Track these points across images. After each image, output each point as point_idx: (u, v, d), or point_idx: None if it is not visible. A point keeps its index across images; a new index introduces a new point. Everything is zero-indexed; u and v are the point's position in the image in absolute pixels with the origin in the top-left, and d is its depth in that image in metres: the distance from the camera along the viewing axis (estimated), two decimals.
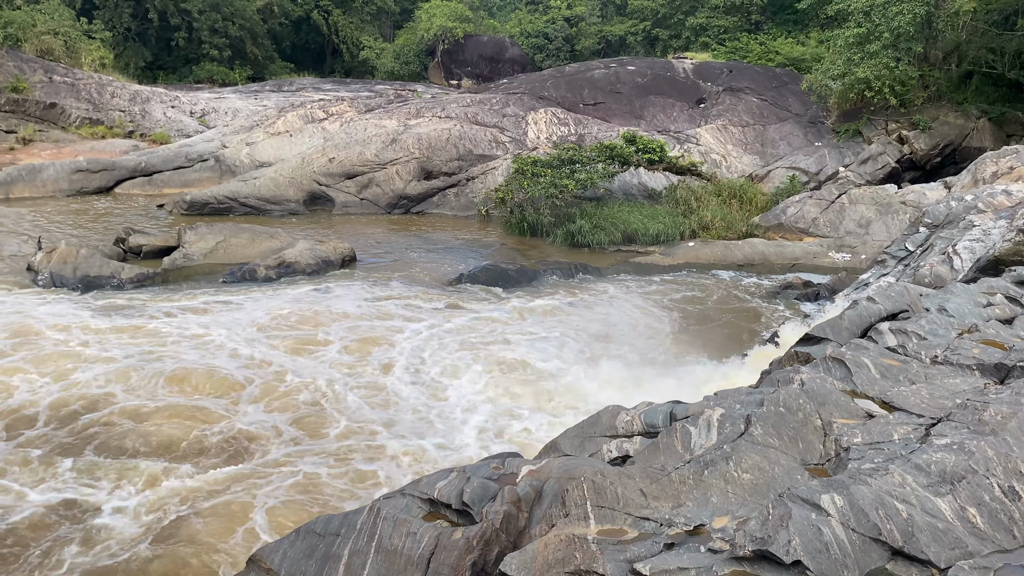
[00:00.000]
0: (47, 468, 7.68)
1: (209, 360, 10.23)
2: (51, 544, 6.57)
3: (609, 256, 16.92)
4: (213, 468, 7.82)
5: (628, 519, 3.89)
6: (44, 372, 9.63)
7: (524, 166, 18.81)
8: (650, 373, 10.32)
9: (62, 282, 13.67)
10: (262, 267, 14.84)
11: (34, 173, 21.34)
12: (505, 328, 11.96)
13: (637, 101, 24.97)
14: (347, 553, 4.78)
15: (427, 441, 8.50)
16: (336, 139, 22.92)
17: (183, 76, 44.53)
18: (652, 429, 6.38)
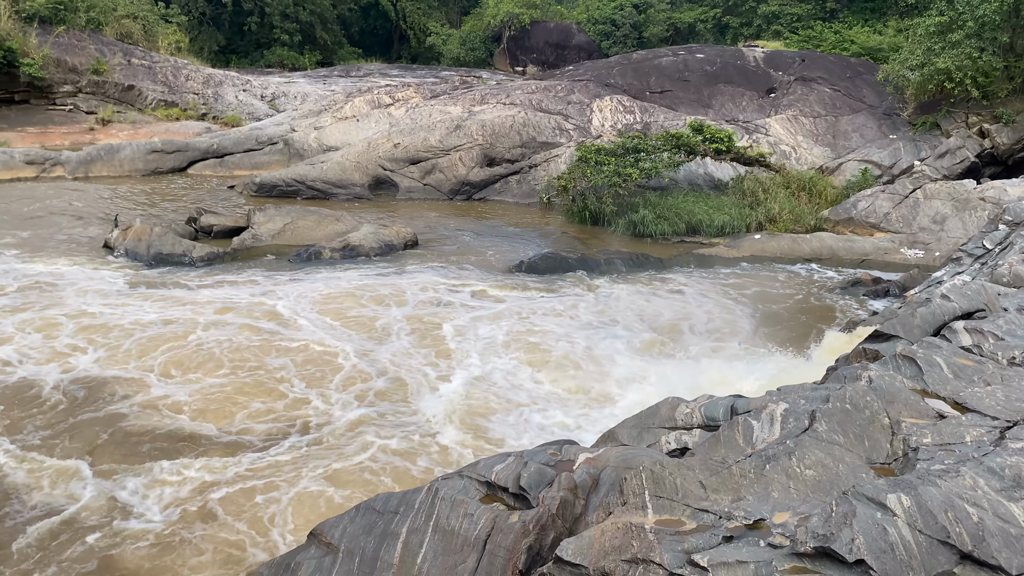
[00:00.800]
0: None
1: (273, 340, 10.48)
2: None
3: (672, 247, 16.72)
4: (285, 438, 8.03)
5: (687, 510, 3.86)
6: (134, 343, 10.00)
7: (588, 154, 18.69)
8: (709, 365, 10.20)
9: (136, 258, 14.15)
10: (327, 249, 15.10)
11: (112, 153, 22.09)
12: (565, 317, 11.94)
13: (705, 89, 24.56)
14: (405, 531, 4.87)
15: (491, 432, 8.54)
16: (401, 125, 23.14)
17: (254, 60, 45.49)
18: (712, 422, 6.31)
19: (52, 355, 9.77)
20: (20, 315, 10.96)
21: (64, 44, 30.61)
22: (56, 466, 7.45)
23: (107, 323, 10.76)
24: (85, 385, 9.03)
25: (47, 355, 9.76)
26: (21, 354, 9.75)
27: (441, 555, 4.61)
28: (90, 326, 10.67)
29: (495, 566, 4.39)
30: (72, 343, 10.14)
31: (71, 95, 30.42)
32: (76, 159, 21.42)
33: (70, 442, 7.87)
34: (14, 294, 11.85)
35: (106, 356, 9.79)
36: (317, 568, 4.85)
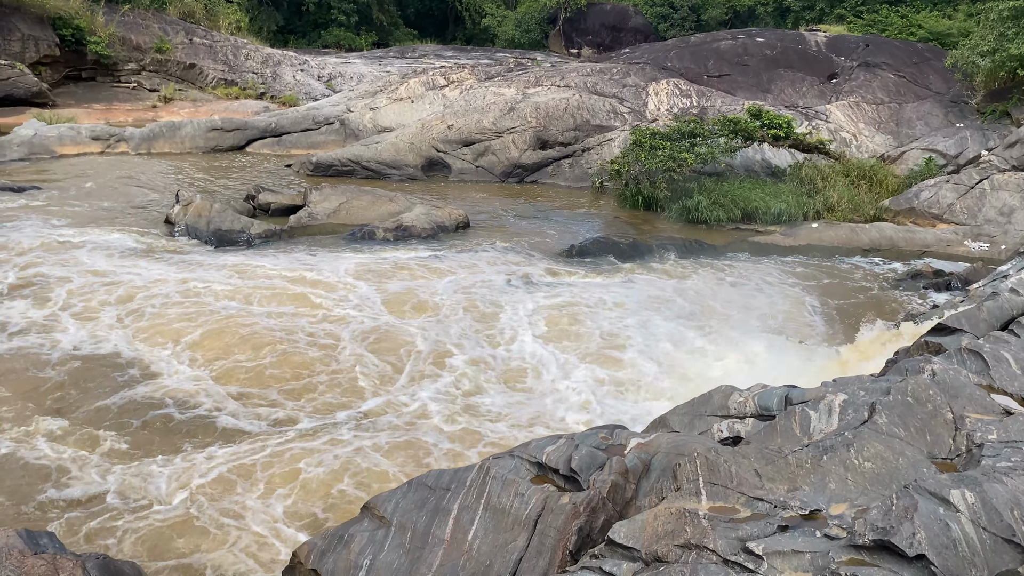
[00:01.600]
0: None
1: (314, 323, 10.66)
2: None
3: (726, 234, 16.49)
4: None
5: (741, 498, 3.83)
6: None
7: (642, 138, 18.49)
8: (762, 354, 10.07)
9: (196, 234, 14.47)
10: (380, 229, 15.25)
11: (174, 130, 22.58)
12: (615, 302, 11.88)
13: (764, 74, 24.07)
14: (456, 508, 4.93)
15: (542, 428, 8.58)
16: (455, 106, 23.18)
17: (312, 41, 45.96)
18: (765, 412, 6.24)
19: (107, 329, 10.08)
20: (93, 287, 11.33)
21: (129, 23, 31.32)
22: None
23: (169, 297, 11.06)
24: (139, 366, 9.31)
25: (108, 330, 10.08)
26: (94, 335, 10.08)
27: (492, 532, 4.66)
28: (154, 296, 10.97)
29: (545, 545, 4.42)
30: (134, 316, 10.45)
31: (135, 73, 31.15)
32: (139, 136, 21.96)
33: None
34: (75, 266, 12.24)
35: (151, 328, 10.07)
36: (370, 540, 4.94)
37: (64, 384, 8.66)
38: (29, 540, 3.05)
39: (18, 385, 8.58)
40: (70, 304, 10.70)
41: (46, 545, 3.11)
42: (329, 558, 4.95)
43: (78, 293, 11.06)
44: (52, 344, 9.57)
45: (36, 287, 11.26)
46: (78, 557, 3.09)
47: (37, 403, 8.25)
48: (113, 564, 3.29)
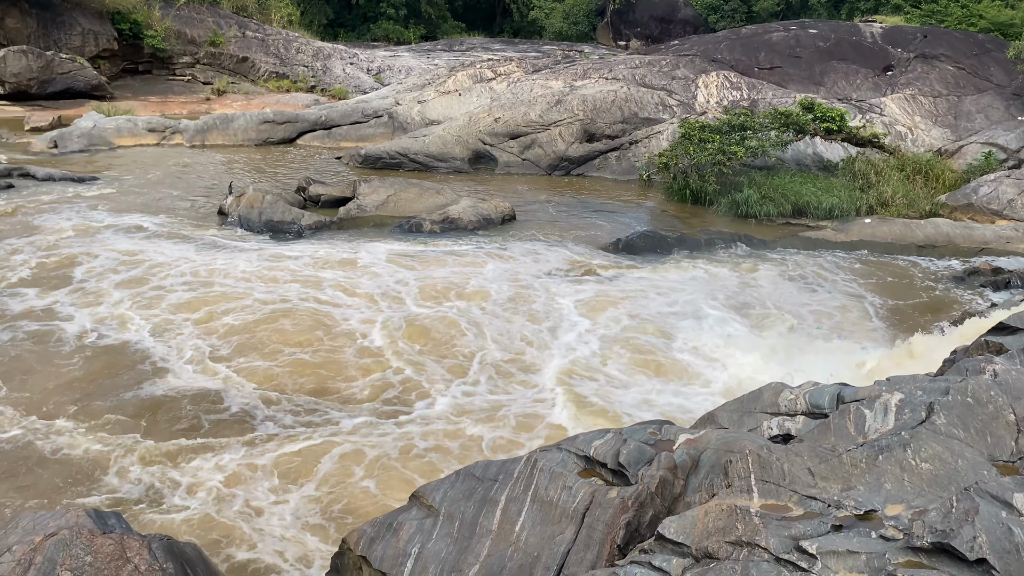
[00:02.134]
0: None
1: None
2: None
3: (776, 229, 16.24)
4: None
5: (793, 496, 3.79)
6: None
7: (691, 131, 18.28)
8: (810, 351, 9.93)
9: (248, 225, 14.73)
10: (428, 221, 15.35)
11: (227, 122, 23.00)
12: (662, 296, 11.80)
13: (817, 66, 23.60)
14: (504, 499, 4.96)
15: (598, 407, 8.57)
16: (503, 99, 23.20)
17: (361, 34, 46.38)
18: (817, 410, 6.14)
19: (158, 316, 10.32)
20: (153, 278, 11.62)
21: (184, 17, 31.96)
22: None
23: (227, 289, 11.30)
24: (179, 355, 9.52)
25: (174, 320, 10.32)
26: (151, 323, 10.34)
27: (539, 524, 4.67)
28: (206, 286, 11.22)
29: (593, 539, 4.42)
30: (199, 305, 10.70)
31: (189, 66, 31.80)
32: (193, 128, 22.41)
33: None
34: (130, 257, 12.56)
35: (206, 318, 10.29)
36: (418, 529, 5.00)
37: (107, 367, 8.91)
38: (98, 520, 3.16)
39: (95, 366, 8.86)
40: (128, 290, 11.00)
41: (113, 525, 3.22)
42: (378, 545, 5.02)
43: (133, 281, 11.37)
44: (121, 324, 9.86)
45: (95, 273, 11.59)
46: (144, 537, 3.19)
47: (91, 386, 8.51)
48: (176, 545, 3.39)
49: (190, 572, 3.29)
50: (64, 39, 29.06)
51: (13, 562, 2.74)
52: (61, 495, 6.46)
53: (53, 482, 6.68)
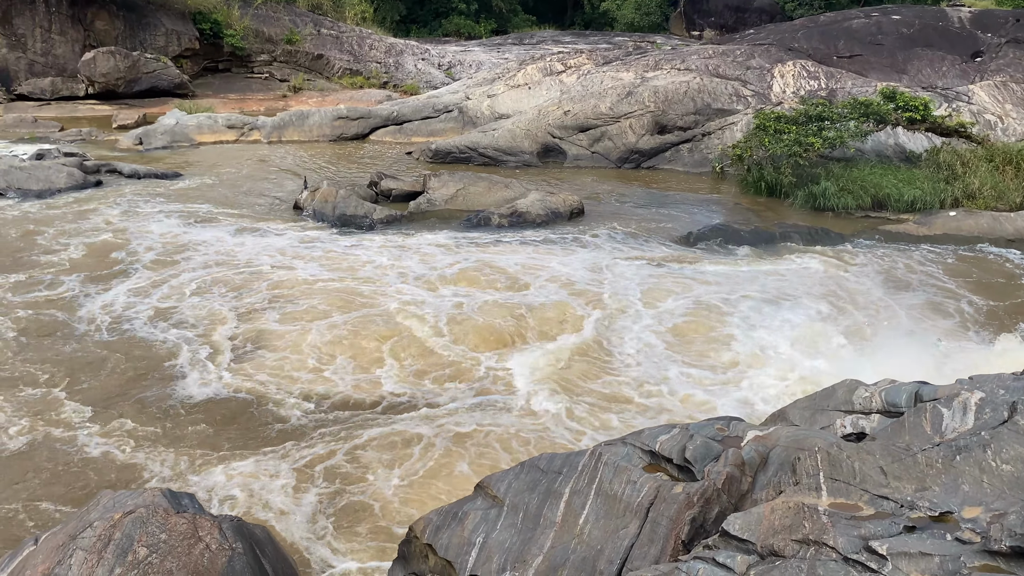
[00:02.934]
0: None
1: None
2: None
3: (855, 222, 15.75)
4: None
5: (864, 495, 3.68)
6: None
7: (766, 122, 17.87)
8: (888, 348, 9.60)
9: (322, 219, 15.08)
10: (496, 215, 15.42)
11: (302, 119, 23.56)
12: (737, 290, 11.58)
13: (900, 54, 22.76)
14: (568, 492, 4.96)
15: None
16: (572, 92, 23.10)
17: (433, 30, 46.83)
18: (893, 408, 5.95)
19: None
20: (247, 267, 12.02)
21: (262, 16, 32.86)
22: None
23: (307, 277, 11.61)
24: (264, 340, 9.80)
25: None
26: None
27: (603, 518, 4.67)
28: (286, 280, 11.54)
29: (657, 534, 4.39)
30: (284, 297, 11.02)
31: (267, 64, 32.69)
32: (270, 124, 23.03)
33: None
34: (212, 249, 13.00)
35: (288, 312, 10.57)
36: (483, 519, 5.05)
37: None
38: (172, 499, 3.31)
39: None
40: (215, 278, 11.41)
41: (187, 505, 3.37)
42: (444, 534, 5.09)
43: (220, 264, 11.78)
44: (212, 320, 10.23)
45: (180, 261, 12.05)
46: (215, 518, 3.32)
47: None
48: (246, 527, 3.51)
49: (259, 552, 3.41)
50: (149, 40, 30.23)
51: (94, 537, 2.90)
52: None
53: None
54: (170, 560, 2.96)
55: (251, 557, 3.22)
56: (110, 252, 12.68)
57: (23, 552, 3.13)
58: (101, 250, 12.78)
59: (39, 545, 3.10)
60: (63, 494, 6.19)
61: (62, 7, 28.82)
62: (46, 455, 6.96)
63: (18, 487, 6.36)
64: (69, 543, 2.94)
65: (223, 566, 3.03)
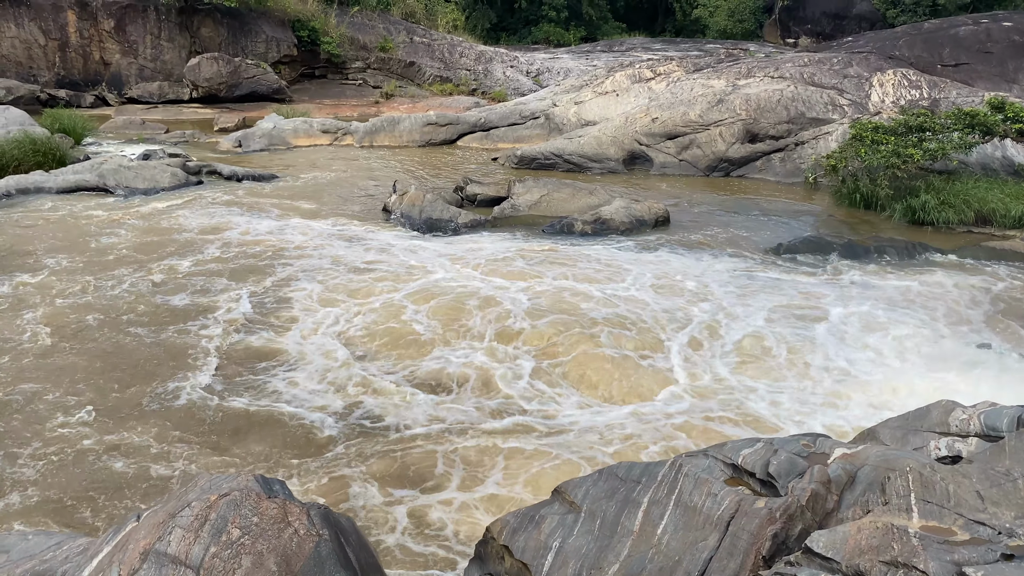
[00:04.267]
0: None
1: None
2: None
3: (956, 237, 15.07)
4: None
5: (958, 520, 3.53)
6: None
7: (863, 132, 17.29)
8: (980, 371, 9.16)
9: (409, 222, 15.37)
10: (579, 222, 15.41)
11: (393, 124, 24.10)
12: (831, 306, 11.22)
13: (1011, 62, 21.70)
14: (646, 501, 4.92)
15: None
16: (661, 99, 22.89)
17: (522, 37, 47.17)
18: (993, 432, 5.68)
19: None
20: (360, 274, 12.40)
21: (357, 23, 33.77)
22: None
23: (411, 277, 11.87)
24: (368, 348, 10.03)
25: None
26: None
27: (682, 530, 4.61)
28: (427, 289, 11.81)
29: (737, 548, 4.31)
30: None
31: (361, 71, 33.56)
32: (363, 129, 23.64)
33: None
34: (309, 247, 13.43)
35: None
36: (560, 524, 5.05)
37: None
38: (264, 485, 3.47)
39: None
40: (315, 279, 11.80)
41: (278, 491, 3.52)
42: (520, 536, 5.12)
43: (319, 268, 12.18)
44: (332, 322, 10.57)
45: (281, 258, 12.51)
46: (304, 504, 3.45)
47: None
48: (332, 515, 3.63)
49: (343, 541, 3.52)
50: (250, 46, 31.46)
51: (191, 516, 3.06)
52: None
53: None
54: (261, 542, 3.10)
55: (336, 544, 3.33)
56: (198, 248, 13.26)
57: (126, 527, 3.34)
58: (190, 247, 13.36)
59: (141, 521, 3.30)
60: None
61: (171, 15, 30.30)
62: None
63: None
64: (168, 521, 3.12)
65: (310, 551, 3.14)
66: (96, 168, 17.33)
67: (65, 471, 6.88)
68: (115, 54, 29.94)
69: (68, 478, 6.78)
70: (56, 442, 7.35)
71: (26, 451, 7.19)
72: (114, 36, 29.74)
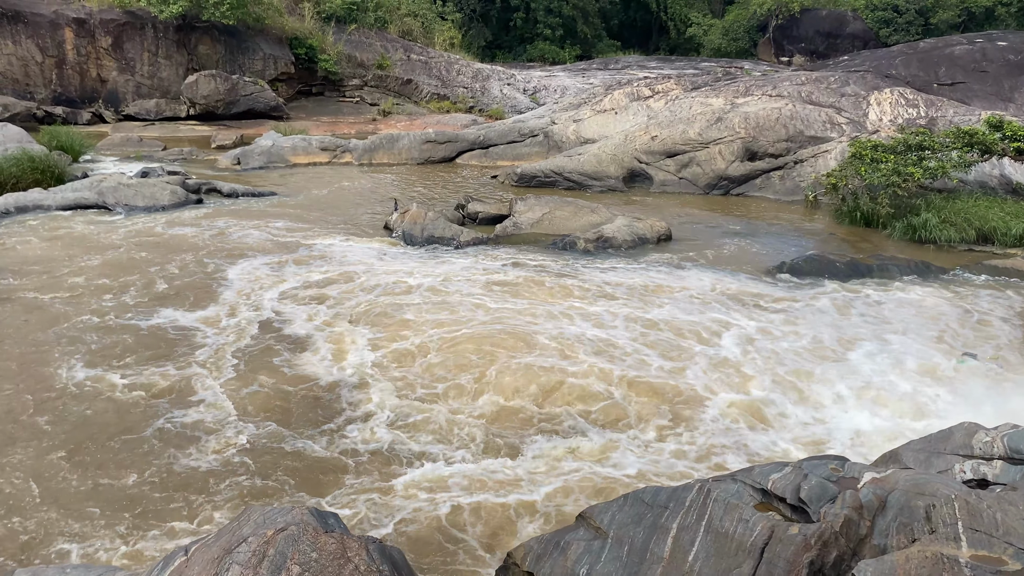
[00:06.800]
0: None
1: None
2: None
3: (957, 256, 15.11)
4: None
5: (1009, 549, 3.47)
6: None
7: (863, 150, 17.37)
8: (995, 391, 9.13)
9: (411, 240, 15.31)
10: (581, 240, 15.38)
11: (392, 142, 24.08)
12: (842, 330, 11.19)
13: (1007, 81, 21.88)
14: (675, 527, 4.85)
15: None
16: (660, 117, 22.97)
17: (517, 55, 47.38)
18: (1017, 455, 5.64)
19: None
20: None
21: (355, 41, 33.83)
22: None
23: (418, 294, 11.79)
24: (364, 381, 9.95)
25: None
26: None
27: (714, 556, 4.53)
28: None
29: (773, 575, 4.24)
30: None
31: (358, 88, 33.59)
32: (362, 147, 23.62)
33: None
34: (316, 264, 13.34)
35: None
36: (587, 550, 4.97)
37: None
38: (319, 519, 3.37)
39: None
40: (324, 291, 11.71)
41: (333, 524, 3.42)
42: (546, 563, 5.03)
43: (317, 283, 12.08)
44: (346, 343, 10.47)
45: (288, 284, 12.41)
46: (360, 539, 3.35)
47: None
48: (386, 549, 3.54)
49: (396, 575, 3.43)
50: (247, 63, 31.47)
51: (249, 552, 2.96)
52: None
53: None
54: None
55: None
56: (197, 267, 13.16)
57: (174, 562, 3.22)
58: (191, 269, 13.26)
59: (191, 556, 3.19)
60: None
61: (169, 33, 30.30)
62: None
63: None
64: (225, 557, 3.02)
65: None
66: (95, 186, 17.22)
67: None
68: (112, 71, 29.88)
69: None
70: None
71: None
72: (111, 53, 29.70)
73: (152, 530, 6.33)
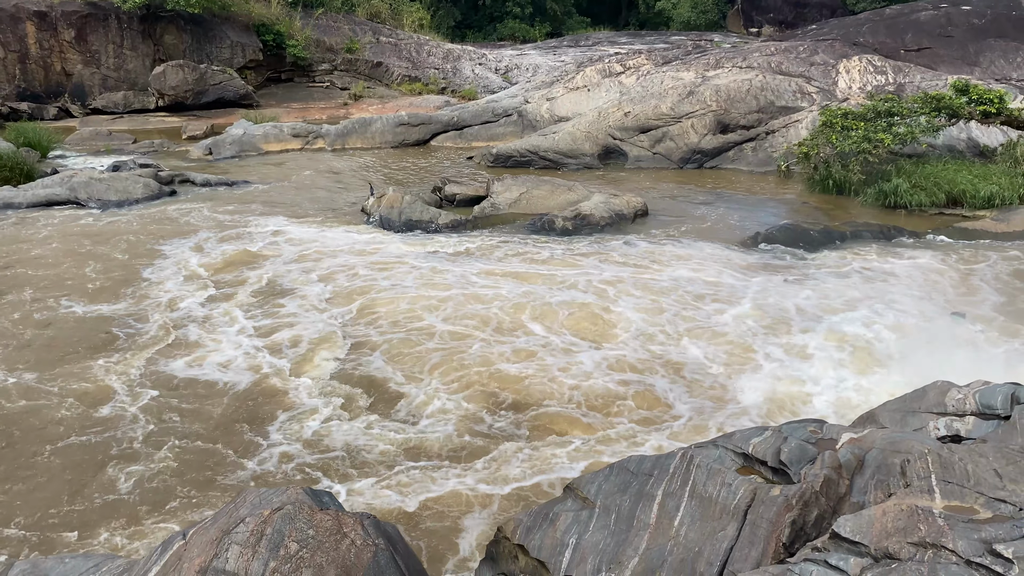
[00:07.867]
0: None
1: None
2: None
3: (928, 220, 15.36)
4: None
5: (980, 498, 3.62)
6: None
7: (833, 118, 17.54)
8: (967, 352, 9.35)
9: (389, 224, 15.30)
10: (560, 218, 15.45)
11: (365, 126, 23.95)
12: (820, 296, 11.37)
13: (971, 46, 22.13)
14: (660, 494, 4.97)
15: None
16: (632, 93, 23.01)
17: (487, 34, 47.12)
18: (988, 410, 5.82)
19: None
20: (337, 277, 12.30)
21: (323, 26, 33.48)
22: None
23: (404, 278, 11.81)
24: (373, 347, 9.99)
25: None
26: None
27: (699, 520, 4.66)
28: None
29: (757, 536, 4.37)
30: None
31: (328, 73, 33.28)
32: (334, 132, 23.46)
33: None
34: (292, 252, 13.32)
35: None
36: (575, 520, 5.08)
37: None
38: (314, 497, 3.44)
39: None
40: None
41: (328, 502, 3.49)
42: (535, 534, 5.14)
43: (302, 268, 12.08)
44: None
45: (278, 273, 12.39)
46: (356, 515, 3.42)
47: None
48: (381, 524, 3.62)
49: (392, 549, 3.51)
50: (215, 52, 31.05)
51: (247, 532, 3.03)
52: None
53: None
54: (320, 555, 3.08)
55: (392, 553, 3.32)
56: (174, 260, 13.10)
57: (173, 545, 3.29)
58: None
59: (189, 539, 3.26)
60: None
61: (133, 23, 29.81)
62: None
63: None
64: (223, 538, 3.09)
65: (368, 561, 3.13)
66: (66, 182, 17.02)
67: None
68: (77, 64, 29.38)
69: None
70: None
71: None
72: (75, 46, 29.18)
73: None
